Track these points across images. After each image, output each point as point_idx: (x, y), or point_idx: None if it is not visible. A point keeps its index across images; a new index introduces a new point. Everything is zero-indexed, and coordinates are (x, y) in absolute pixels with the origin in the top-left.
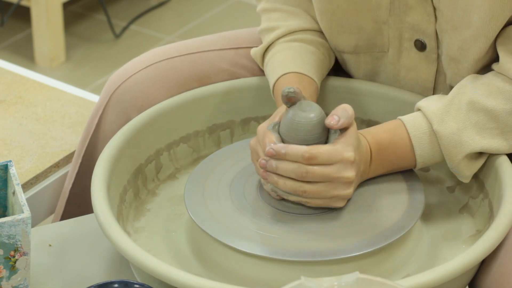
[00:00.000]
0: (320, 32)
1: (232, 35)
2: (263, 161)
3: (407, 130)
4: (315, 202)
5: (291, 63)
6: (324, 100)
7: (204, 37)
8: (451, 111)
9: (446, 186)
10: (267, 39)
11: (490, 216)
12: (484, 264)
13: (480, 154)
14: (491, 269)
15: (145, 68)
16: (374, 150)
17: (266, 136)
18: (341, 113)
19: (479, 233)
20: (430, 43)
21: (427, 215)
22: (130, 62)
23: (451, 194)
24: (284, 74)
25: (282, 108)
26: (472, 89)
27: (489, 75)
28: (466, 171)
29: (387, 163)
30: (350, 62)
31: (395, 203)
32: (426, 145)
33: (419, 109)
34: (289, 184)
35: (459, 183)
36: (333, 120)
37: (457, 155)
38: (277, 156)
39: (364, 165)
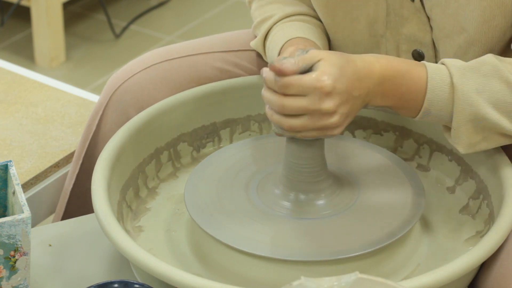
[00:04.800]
0: (319, 18)
1: (232, 37)
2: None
3: (427, 71)
4: (308, 134)
5: (294, 32)
6: None
7: (204, 39)
8: (475, 70)
9: (447, 187)
10: (264, 27)
11: (490, 217)
12: (484, 266)
13: (486, 130)
14: (492, 270)
15: (144, 69)
16: (388, 75)
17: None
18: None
19: (479, 234)
20: (428, 52)
21: (427, 215)
22: (130, 63)
23: (452, 194)
24: (289, 39)
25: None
26: (497, 61)
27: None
28: (466, 138)
29: (398, 94)
30: None
31: (395, 203)
32: (441, 94)
33: (442, 64)
34: (276, 118)
35: (459, 183)
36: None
37: (466, 115)
38: (262, 79)
39: (363, 90)
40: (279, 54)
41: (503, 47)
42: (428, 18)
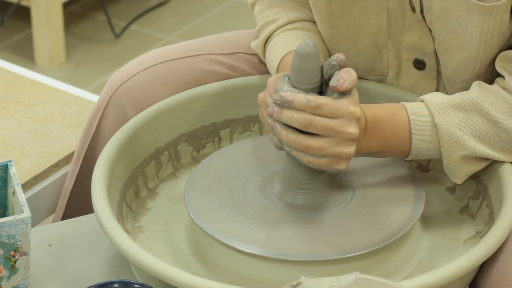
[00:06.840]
0: None
1: (231, 38)
2: (271, 109)
3: (408, 114)
4: (317, 161)
5: (295, 43)
6: None
7: (204, 39)
8: (456, 107)
9: (447, 187)
10: (266, 31)
11: (490, 218)
12: (484, 266)
13: (477, 158)
14: (492, 271)
15: (144, 70)
16: (370, 122)
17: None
18: (346, 76)
19: (479, 234)
20: (429, 61)
21: (427, 215)
22: (129, 64)
23: (452, 195)
24: (290, 52)
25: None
26: (479, 94)
27: (495, 86)
28: (460, 171)
29: (382, 140)
30: None
31: (395, 203)
32: (426, 135)
33: (422, 101)
34: (292, 137)
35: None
36: (339, 82)
37: (455, 152)
38: (284, 103)
39: (358, 134)
40: (278, 65)
41: None
42: (430, 29)
